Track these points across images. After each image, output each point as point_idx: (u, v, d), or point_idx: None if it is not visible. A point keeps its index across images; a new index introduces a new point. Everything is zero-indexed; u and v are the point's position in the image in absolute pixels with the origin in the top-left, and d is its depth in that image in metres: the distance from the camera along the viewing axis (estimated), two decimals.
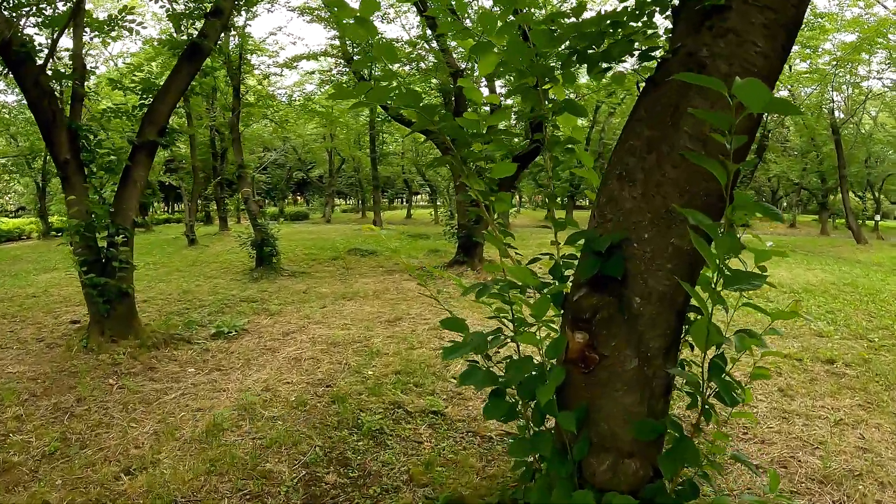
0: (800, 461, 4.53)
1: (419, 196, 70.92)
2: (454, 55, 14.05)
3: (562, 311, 2.44)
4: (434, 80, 14.99)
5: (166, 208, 57.63)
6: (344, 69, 17.52)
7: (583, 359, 2.20)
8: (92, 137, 7.83)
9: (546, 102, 2.59)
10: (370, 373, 6.42)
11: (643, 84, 2.33)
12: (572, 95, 15.46)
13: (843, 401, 5.81)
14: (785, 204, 50.02)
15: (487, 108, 15.07)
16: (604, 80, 2.69)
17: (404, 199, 63.52)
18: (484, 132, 2.54)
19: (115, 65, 28.06)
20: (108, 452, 4.69)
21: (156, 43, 12.32)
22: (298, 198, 69.49)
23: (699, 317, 2.59)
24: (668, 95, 2.12)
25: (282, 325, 8.81)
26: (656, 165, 2.13)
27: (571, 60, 2.46)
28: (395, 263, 16.22)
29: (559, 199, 2.79)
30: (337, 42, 16.38)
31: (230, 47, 16.29)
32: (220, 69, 15.86)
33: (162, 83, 8.12)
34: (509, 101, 5.68)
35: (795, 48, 21.53)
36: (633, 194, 2.17)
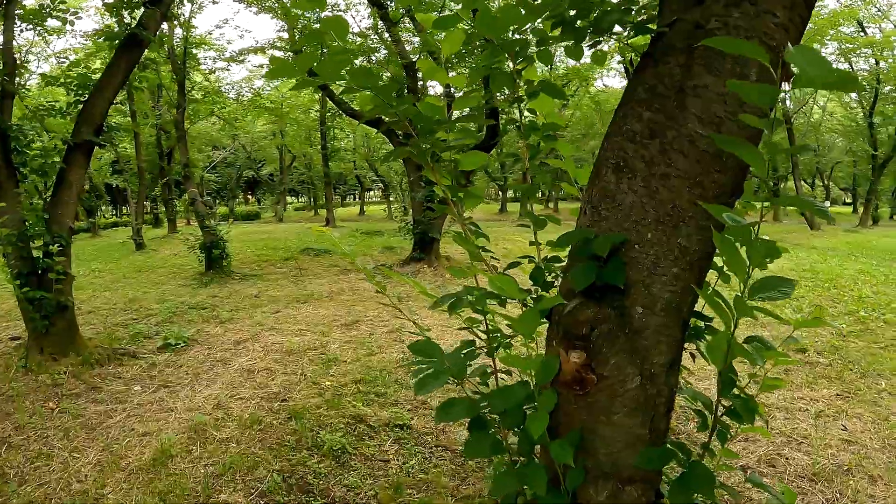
0: (787, 458, 4.36)
1: (372, 192, 70.33)
2: (406, 47, 13.70)
3: (548, 325, 2.12)
4: (386, 74, 14.58)
5: (114, 211, 55.98)
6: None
7: (578, 380, 1.90)
8: (23, 138, 7.28)
9: (520, 84, 2.29)
10: (328, 383, 6.05)
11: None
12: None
13: (821, 391, 5.68)
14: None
15: (442, 97, 14.78)
16: (581, 61, 2.39)
17: (357, 196, 62.81)
18: (449, 119, 2.21)
19: (58, 63, 26.89)
20: (48, 489, 4.26)
21: (91, 34, 11.64)
22: (249, 197, 68.31)
23: (701, 325, 2.33)
24: (672, 73, 1.82)
25: (233, 333, 8.37)
26: (660, 154, 1.82)
27: (548, 38, 2.16)
28: (350, 262, 15.78)
29: (540, 192, 2.47)
30: (285, 35, 15.85)
31: (174, 41, 15.69)
32: (163, 64, 15.24)
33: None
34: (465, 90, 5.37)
35: None
36: (634, 188, 1.86)
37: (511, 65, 2.29)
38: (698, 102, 1.79)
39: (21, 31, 8.25)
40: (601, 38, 2.10)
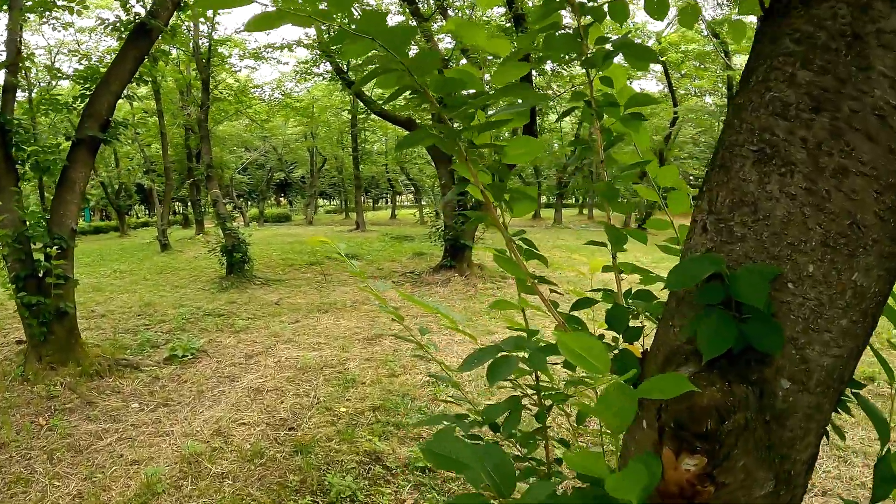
0: None
1: (403, 196, 69.86)
2: (440, 45, 13.08)
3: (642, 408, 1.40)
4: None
5: (147, 212, 56.15)
6: (326, 69, 16.45)
7: (689, 494, 1.20)
8: (23, 133, 6.76)
9: (586, 45, 1.62)
10: (343, 409, 5.39)
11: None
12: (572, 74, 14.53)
13: None
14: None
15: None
16: (666, 19, 1.71)
17: (388, 200, 62.32)
18: (491, 91, 1.49)
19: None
20: None
21: (98, 23, 11.12)
22: (282, 199, 68.26)
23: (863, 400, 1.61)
24: (838, 13, 1.12)
25: (246, 344, 7.76)
26: (831, 136, 1.10)
27: None
28: (377, 269, 15.21)
29: (622, 197, 1.74)
30: (313, 32, 15.31)
31: (201, 39, 15.25)
32: (189, 62, 14.81)
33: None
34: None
35: None
36: (790, 190, 1.11)
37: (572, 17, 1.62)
38: (889, 56, 1.09)
39: (26, 20, 7.70)
40: None
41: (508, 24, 12.53)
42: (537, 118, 12.25)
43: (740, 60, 24.27)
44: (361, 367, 6.63)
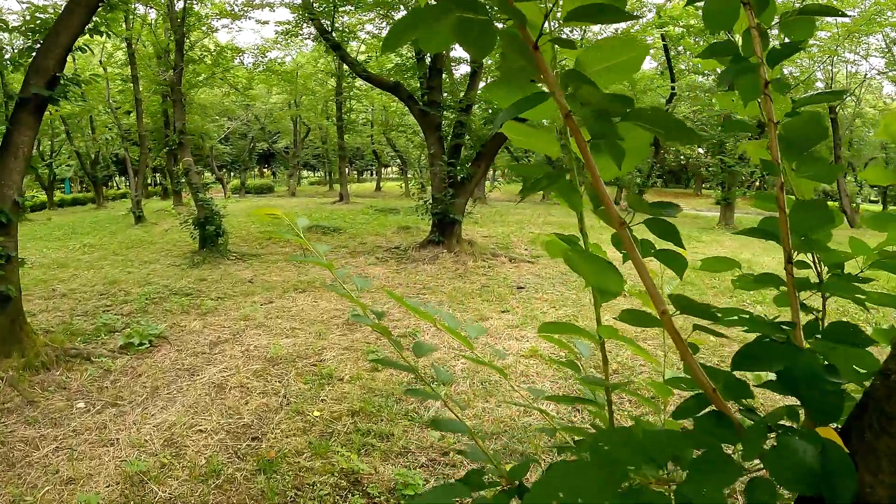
0: None
1: (389, 168, 68.71)
2: None
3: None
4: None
5: (128, 183, 54.79)
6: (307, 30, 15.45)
7: None
8: None
9: None
10: (317, 414, 4.66)
11: None
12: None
13: None
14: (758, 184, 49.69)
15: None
16: None
17: (373, 172, 61.21)
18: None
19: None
20: None
21: None
22: (265, 170, 67.02)
23: None
24: None
25: (212, 329, 7.00)
26: None
27: None
28: (360, 243, 14.42)
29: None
30: None
31: None
32: (163, 24, 13.82)
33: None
34: None
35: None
36: None
37: None
38: None
39: None
40: None
41: None
42: None
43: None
44: (339, 359, 5.91)
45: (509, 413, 4.64)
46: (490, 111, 13.19)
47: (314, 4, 13.03)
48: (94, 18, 6.44)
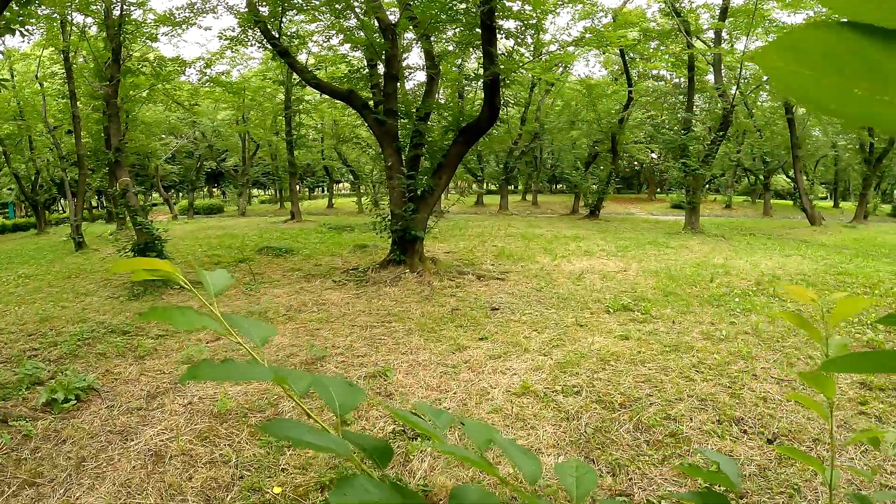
0: None
1: (341, 184, 67.58)
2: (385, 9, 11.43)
3: None
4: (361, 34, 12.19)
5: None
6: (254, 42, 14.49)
7: None
8: None
9: None
10: (277, 490, 3.81)
11: None
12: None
13: None
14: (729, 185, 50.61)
15: (423, 67, 12.55)
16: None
17: (325, 188, 60.01)
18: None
19: None
20: None
21: None
22: (215, 190, 65.34)
23: None
24: None
25: (151, 377, 6.06)
26: None
27: None
28: (315, 265, 13.51)
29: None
30: None
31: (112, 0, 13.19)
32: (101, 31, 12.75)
33: None
34: None
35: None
36: None
37: None
38: None
39: None
40: None
41: None
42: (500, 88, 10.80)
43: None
44: (300, 410, 5.05)
45: None
46: (450, 118, 12.47)
47: (259, 9, 12.12)
48: (4, 14, 5.51)
